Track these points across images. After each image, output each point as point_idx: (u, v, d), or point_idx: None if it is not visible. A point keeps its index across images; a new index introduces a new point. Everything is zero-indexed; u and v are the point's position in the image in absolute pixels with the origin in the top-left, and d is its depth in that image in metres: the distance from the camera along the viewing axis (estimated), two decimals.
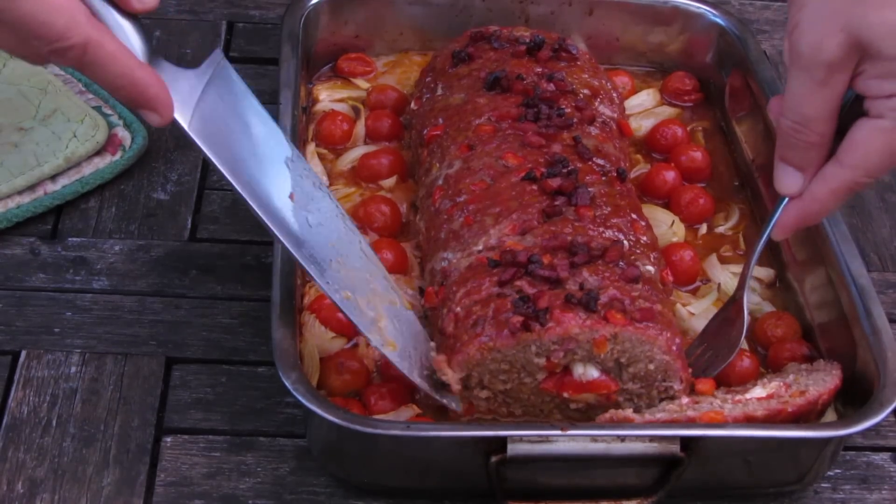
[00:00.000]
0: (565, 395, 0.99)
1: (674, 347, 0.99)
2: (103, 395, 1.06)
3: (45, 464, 1.01)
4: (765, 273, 1.18)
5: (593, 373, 0.99)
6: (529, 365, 0.98)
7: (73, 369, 1.08)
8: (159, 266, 1.18)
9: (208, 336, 1.12)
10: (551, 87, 1.19)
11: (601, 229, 1.05)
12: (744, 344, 1.10)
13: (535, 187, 1.08)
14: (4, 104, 1.27)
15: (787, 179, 0.99)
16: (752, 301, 1.15)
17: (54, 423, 1.04)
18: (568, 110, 1.17)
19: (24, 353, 1.09)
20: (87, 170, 1.24)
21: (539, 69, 1.22)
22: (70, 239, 1.20)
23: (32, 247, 1.19)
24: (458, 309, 1.01)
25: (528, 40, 1.25)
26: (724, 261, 1.19)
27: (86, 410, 1.05)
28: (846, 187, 0.96)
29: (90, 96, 1.31)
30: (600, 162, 1.13)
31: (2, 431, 1.03)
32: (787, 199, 1.01)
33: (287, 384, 0.94)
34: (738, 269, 1.17)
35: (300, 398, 0.93)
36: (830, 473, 1.06)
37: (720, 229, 1.24)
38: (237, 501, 1.00)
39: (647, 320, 0.98)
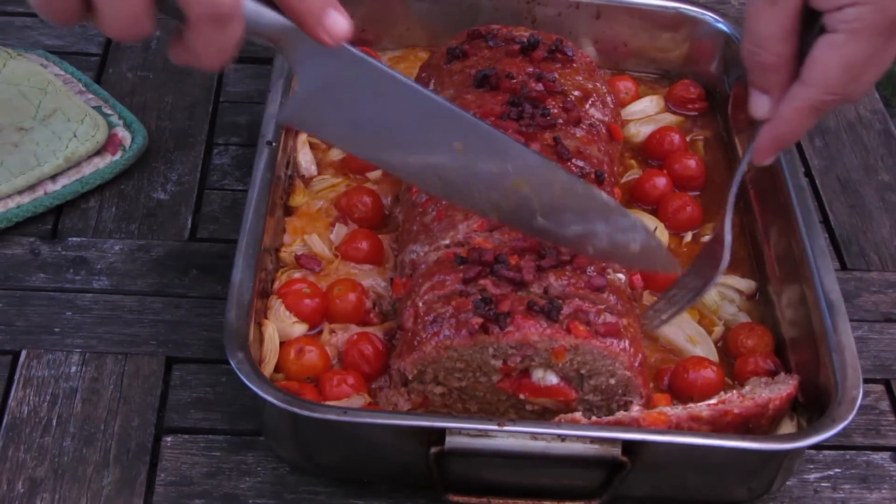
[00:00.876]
0: (522, 396, 0.99)
1: (636, 364, 0.99)
2: (103, 395, 1.06)
3: (45, 463, 1.01)
4: (745, 285, 1.17)
5: (552, 379, 0.99)
6: (486, 366, 0.99)
7: (74, 369, 1.08)
8: (159, 266, 1.18)
9: (208, 336, 1.12)
10: (539, 86, 1.19)
11: None
12: (714, 355, 1.10)
13: None
14: (4, 104, 1.27)
15: (755, 102, 0.99)
16: (729, 312, 1.15)
17: (54, 422, 1.04)
18: (554, 111, 1.17)
19: (24, 353, 1.09)
20: (87, 170, 1.24)
21: (531, 69, 1.22)
22: (70, 239, 1.20)
23: (32, 247, 1.19)
24: (420, 303, 1.01)
25: (524, 40, 1.26)
26: None
27: (86, 410, 1.05)
28: (810, 106, 0.95)
29: (90, 96, 1.31)
30: (580, 164, 1.12)
31: (2, 431, 1.03)
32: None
33: (232, 363, 0.95)
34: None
35: (243, 377, 0.94)
36: (830, 473, 1.06)
37: (707, 238, 1.22)
38: (237, 501, 1.00)
39: (612, 335, 0.98)
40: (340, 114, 0.90)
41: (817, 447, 1.08)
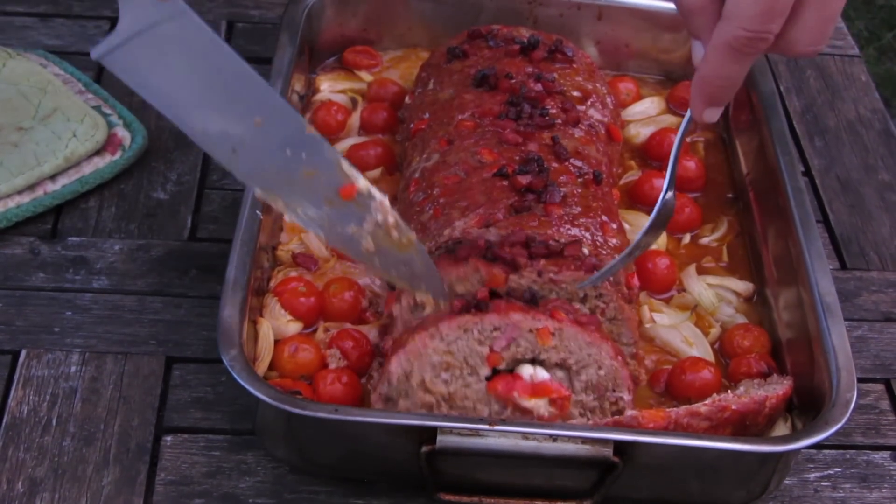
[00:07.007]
0: (515, 394, 0.97)
1: (619, 357, 0.99)
2: (103, 395, 1.06)
3: (44, 463, 1.01)
4: (743, 287, 1.18)
5: (542, 374, 0.98)
6: (472, 357, 0.97)
7: (73, 368, 1.08)
8: (159, 265, 1.18)
9: (208, 335, 1.12)
10: (538, 87, 1.19)
11: (567, 227, 1.05)
12: (710, 357, 1.10)
13: (505, 183, 1.08)
14: (4, 104, 1.27)
15: (693, 49, 0.93)
16: (726, 313, 1.15)
17: (54, 422, 1.04)
18: (553, 111, 1.17)
19: (23, 353, 1.09)
20: (87, 169, 1.24)
21: (530, 69, 1.22)
22: (70, 238, 1.20)
23: (32, 246, 1.19)
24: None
25: (524, 40, 1.26)
26: (704, 272, 1.18)
27: (86, 410, 1.05)
28: (725, 43, 0.88)
29: (90, 96, 1.31)
30: (577, 163, 1.13)
31: (2, 431, 1.03)
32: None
33: (224, 360, 0.95)
34: (716, 280, 1.17)
35: (235, 374, 0.94)
36: (831, 472, 1.06)
37: (705, 240, 1.23)
38: (237, 500, 1.00)
39: (593, 324, 0.98)
40: (155, 64, 0.90)
41: (817, 447, 1.08)
